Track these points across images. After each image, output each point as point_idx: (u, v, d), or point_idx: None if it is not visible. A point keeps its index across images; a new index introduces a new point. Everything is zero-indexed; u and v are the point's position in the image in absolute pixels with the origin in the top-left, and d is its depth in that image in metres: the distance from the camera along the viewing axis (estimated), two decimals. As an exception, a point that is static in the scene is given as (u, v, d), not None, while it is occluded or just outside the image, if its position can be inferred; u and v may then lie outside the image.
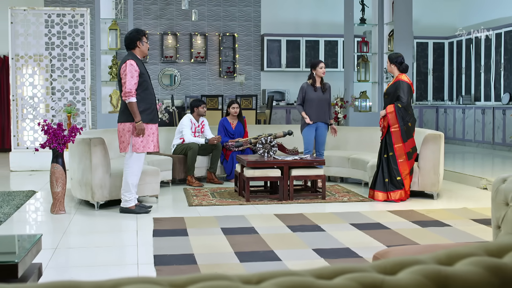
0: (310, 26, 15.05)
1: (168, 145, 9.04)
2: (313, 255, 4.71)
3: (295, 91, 15.12)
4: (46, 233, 5.80)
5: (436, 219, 6.07)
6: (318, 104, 7.93)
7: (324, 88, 7.97)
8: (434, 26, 15.55)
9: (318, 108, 7.94)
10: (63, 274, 4.27)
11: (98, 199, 6.66)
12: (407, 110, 7.02)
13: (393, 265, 1.45)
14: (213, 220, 6.03)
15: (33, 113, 10.43)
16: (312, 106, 7.92)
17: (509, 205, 3.21)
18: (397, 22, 10.50)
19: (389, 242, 5.07)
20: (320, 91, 7.95)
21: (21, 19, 10.39)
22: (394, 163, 7.05)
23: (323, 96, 7.95)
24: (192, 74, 14.58)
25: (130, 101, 6.24)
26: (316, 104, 7.92)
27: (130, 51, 6.46)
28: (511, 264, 1.47)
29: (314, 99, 7.92)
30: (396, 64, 7.21)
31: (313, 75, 7.96)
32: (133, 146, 6.34)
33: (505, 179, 3.31)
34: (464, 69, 14.57)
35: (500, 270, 1.44)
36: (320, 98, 7.94)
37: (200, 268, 4.34)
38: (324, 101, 7.98)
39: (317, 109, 7.93)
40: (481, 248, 1.59)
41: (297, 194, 7.52)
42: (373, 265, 1.45)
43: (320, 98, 7.93)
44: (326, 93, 7.98)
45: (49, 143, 6.34)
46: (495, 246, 1.59)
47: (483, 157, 11.99)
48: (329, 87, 8.06)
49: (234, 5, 14.71)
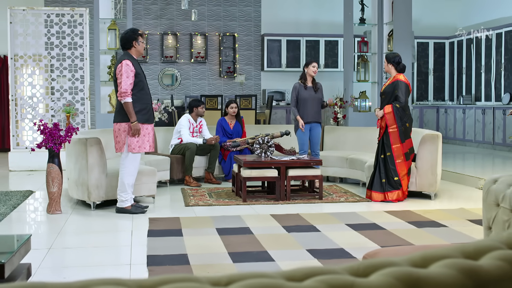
0: (310, 26, 15.04)
1: (166, 145, 9.03)
2: (306, 255, 4.70)
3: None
4: (41, 233, 5.81)
5: (433, 220, 6.05)
6: (311, 104, 7.93)
7: (316, 88, 7.96)
8: (435, 26, 15.52)
9: (311, 108, 7.93)
10: (56, 275, 4.26)
11: (94, 199, 6.66)
12: (405, 111, 7.00)
13: (366, 267, 1.44)
14: (209, 220, 6.02)
15: (32, 113, 10.43)
16: (305, 106, 7.94)
17: (500, 206, 3.19)
18: (396, 22, 10.47)
19: (384, 243, 5.05)
20: (311, 90, 7.95)
21: (20, 19, 10.39)
22: (391, 164, 7.02)
23: (315, 96, 7.94)
24: (192, 74, 14.57)
25: (126, 101, 6.23)
26: (309, 103, 7.93)
27: (126, 51, 6.45)
28: (486, 267, 1.45)
29: (307, 98, 7.93)
30: (393, 63, 7.19)
31: (305, 74, 7.97)
32: (128, 146, 6.34)
33: (496, 179, 3.29)
34: (465, 69, 14.54)
35: (474, 272, 1.42)
36: (313, 98, 7.93)
37: (192, 269, 4.33)
38: (317, 100, 7.98)
39: (310, 108, 7.93)
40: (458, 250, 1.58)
41: (295, 194, 7.51)
42: (346, 267, 1.44)
43: (313, 98, 7.93)
44: (318, 93, 7.97)
45: (45, 143, 6.34)
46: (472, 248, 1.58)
47: (483, 157, 11.95)
48: (321, 87, 8.06)
49: (234, 5, 14.70)
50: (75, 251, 4.99)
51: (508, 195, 3.11)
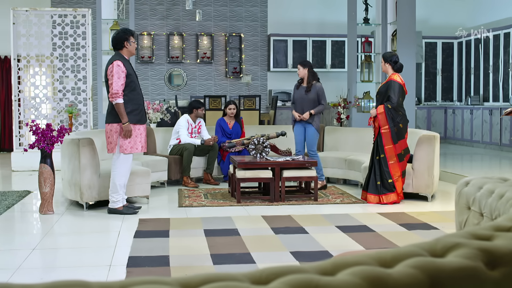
0: (316, 26, 14.95)
1: (165, 145, 9.02)
2: (289, 258, 4.64)
3: (302, 92, 15.06)
4: (28, 233, 5.81)
5: (425, 222, 5.97)
6: (300, 104, 7.88)
7: (308, 88, 7.88)
8: (443, 25, 15.36)
9: (300, 108, 7.88)
10: (34, 275, 4.25)
11: (86, 199, 6.65)
12: (397, 111, 6.90)
13: (334, 266, 1.42)
14: (198, 222, 5.98)
15: (35, 114, 10.47)
16: (295, 105, 7.97)
17: (471, 209, 3.12)
18: (400, 21, 10.36)
19: (370, 245, 4.98)
20: (303, 90, 7.88)
21: (23, 20, 10.44)
22: (385, 166, 6.93)
23: (305, 96, 7.84)
24: (198, 75, 14.56)
25: (117, 102, 6.21)
26: (299, 103, 7.90)
27: (118, 52, 6.45)
28: (395, 275, 1.40)
29: (297, 98, 7.91)
30: (390, 63, 7.11)
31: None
32: (120, 147, 6.32)
33: (468, 182, 3.21)
34: (473, 69, 14.38)
35: (379, 280, 1.38)
36: (303, 98, 7.85)
37: (171, 270, 4.30)
38: (307, 101, 7.85)
39: (299, 108, 7.89)
40: (374, 257, 1.53)
41: (290, 195, 7.45)
42: (315, 266, 1.41)
43: (302, 98, 7.86)
44: (310, 94, 7.84)
45: (37, 143, 6.35)
46: (390, 254, 1.53)
47: (490, 158, 11.81)
48: (317, 88, 7.87)
49: (240, 5, 14.67)
50: (58, 252, 4.98)
51: (478, 198, 3.03)
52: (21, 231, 6.03)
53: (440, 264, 1.46)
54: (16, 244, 5.32)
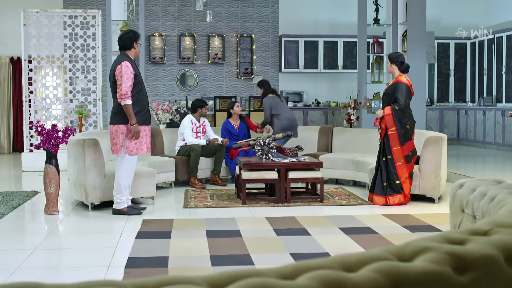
0: (328, 26, 14.90)
1: (172, 146, 9.02)
2: (289, 259, 4.62)
3: (313, 93, 15.03)
4: (32, 234, 5.84)
5: (430, 224, 5.91)
6: None
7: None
8: (456, 26, 15.19)
9: None
10: (32, 275, 4.26)
11: (91, 200, 6.67)
12: (405, 113, 6.84)
13: (294, 270, 1.41)
14: (201, 223, 5.97)
15: (45, 114, 10.54)
16: None
17: (465, 212, 3.08)
18: (410, 22, 10.28)
19: (370, 247, 4.94)
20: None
21: (33, 21, 10.51)
22: (392, 167, 6.88)
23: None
24: (210, 75, 14.56)
25: (126, 103, 6.20)
26: None
27: (124, 52, 6.44)
28: (355, 279, 1.38)
29: None
30: (396, 63, 7.05)
31: None
32: (126, 148, 6.32)
33: (462, 184, 3.17)
34: (486, 70, 14.24)
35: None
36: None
37: (169, 271, 4.29)
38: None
39: None
40: (338, 261, 1.51)
41: (296, 197, 7.42)
42: (275, 270, 1.41)
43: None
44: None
45: (43, 144, 6.38)
46: (354, 259, 1.51)
47: (503, 160, 11.69)
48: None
49: (252, 6, 14.65)
50: (58, 252, 5.00)
51: (471, 200, 2.99)
52: (25, 231, 6.06)
53: (404, 269, 1.43)
54: (17, 244, 5.35)
